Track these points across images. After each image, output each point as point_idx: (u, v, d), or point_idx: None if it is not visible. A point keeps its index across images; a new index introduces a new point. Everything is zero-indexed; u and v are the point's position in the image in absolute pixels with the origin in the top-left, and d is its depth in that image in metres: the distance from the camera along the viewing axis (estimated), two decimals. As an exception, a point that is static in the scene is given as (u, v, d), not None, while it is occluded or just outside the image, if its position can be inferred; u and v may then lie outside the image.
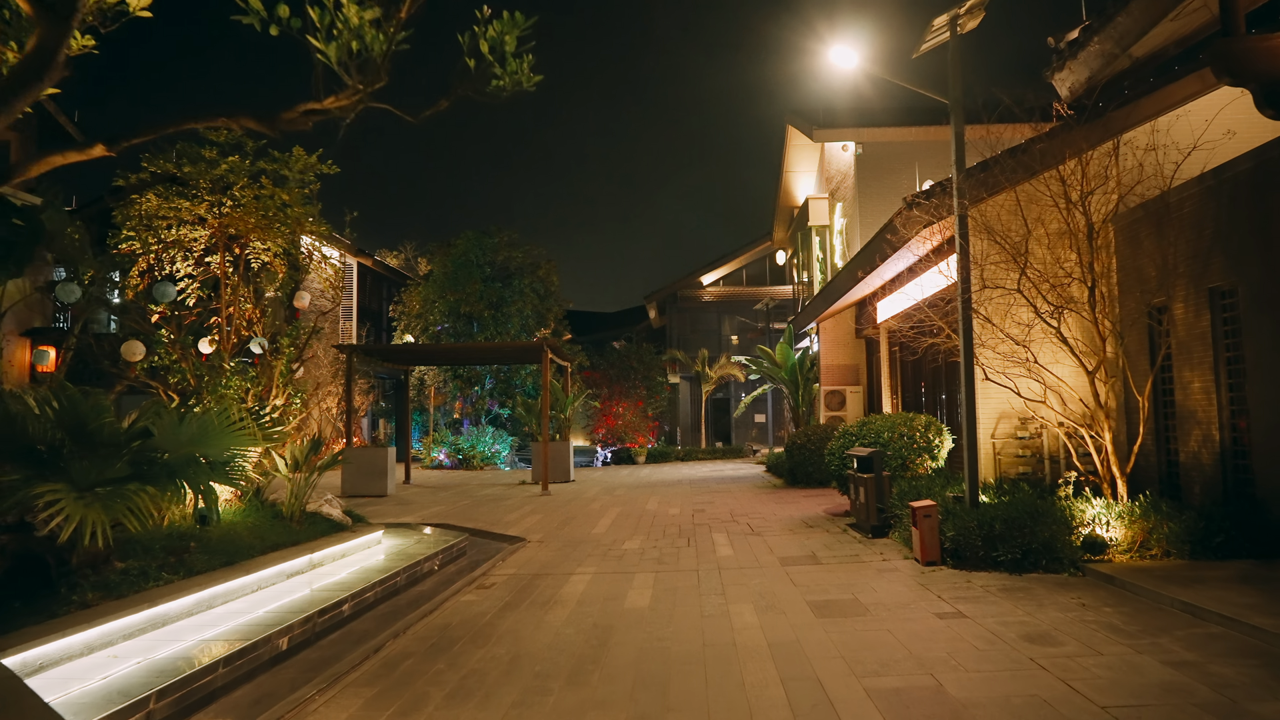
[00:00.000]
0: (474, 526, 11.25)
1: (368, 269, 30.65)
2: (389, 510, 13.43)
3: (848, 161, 19.06)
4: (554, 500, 14.57)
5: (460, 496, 15.95)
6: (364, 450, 16.36)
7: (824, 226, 21.14)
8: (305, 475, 8.72)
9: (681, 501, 13.77)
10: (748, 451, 29.67)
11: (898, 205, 18.45)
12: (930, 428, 10.19)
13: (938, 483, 8.89)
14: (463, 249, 27.47)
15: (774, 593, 6.41)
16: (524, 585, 7.15)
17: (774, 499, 13.60)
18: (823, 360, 18.00)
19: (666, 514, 12.04)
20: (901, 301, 13.63)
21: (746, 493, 14.94)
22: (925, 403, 13.52)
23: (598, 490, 16.46)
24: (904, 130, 18.06)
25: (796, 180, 24.63)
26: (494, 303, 27.06)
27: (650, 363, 30.16)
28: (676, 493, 15.42)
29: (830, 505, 12.21)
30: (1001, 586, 6.17)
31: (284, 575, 6.75)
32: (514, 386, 27.41)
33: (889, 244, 9.84)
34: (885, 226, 9.73)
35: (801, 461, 15.31)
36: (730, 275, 36.56)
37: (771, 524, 10.42)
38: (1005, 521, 6.65)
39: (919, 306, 12.34)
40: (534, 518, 12.07)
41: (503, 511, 13.01)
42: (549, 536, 10.12)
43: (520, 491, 16.66)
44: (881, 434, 10.20)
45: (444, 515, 12.68)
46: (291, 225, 8.61)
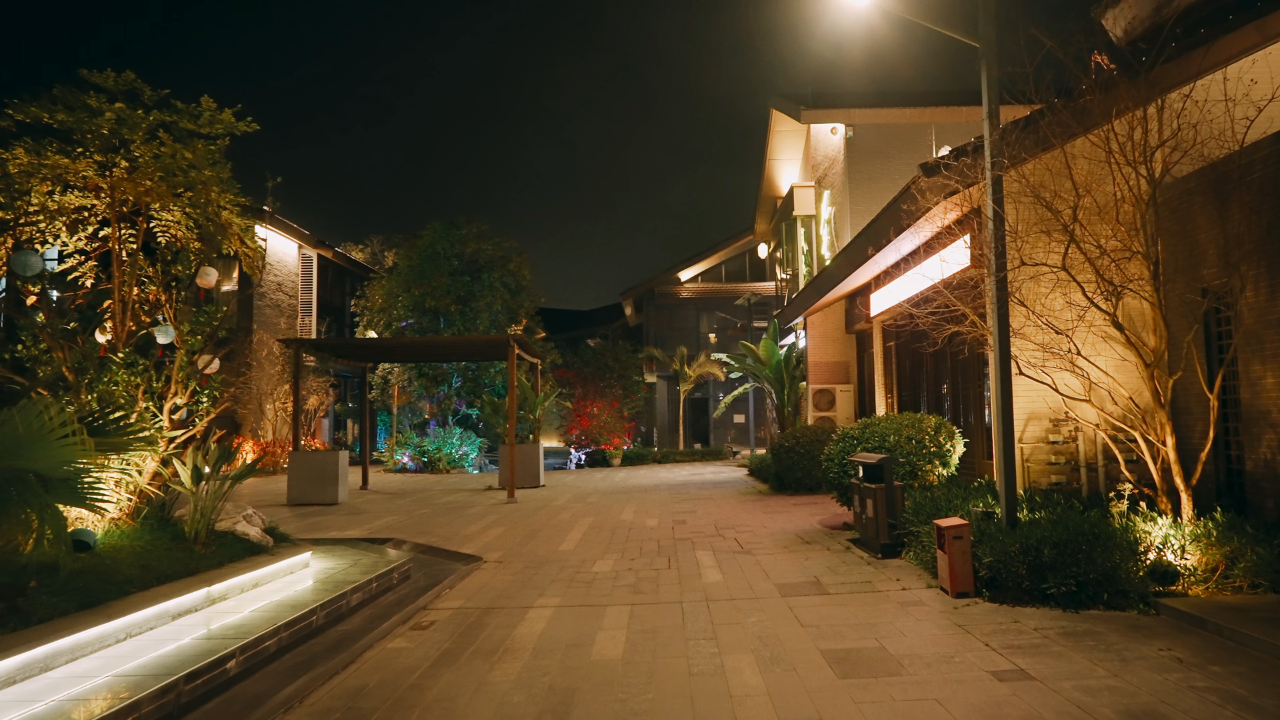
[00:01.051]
0: (426, 541, 9.93)
1: (329, 262, 29.11)
2: (335, 522, 12.06)
3: (837, 146, 17.92)
4: (520, 509, 13.26)
5: (419, 504, 14.60)
6: (312, 454, 14.96)
7: (810, 216, 20.00)
8: (216, 487, 7.37)
9: (660, 510, 12.52)
10: (727, 453, 28.50)
11: (891, 192, 17.35)
12: (941, 430, 9.02)
13: (956, 494, 7.71)
14: (429, 240, 26.04)
15: (778, 637, 5.17)
16: (470, 624, 5.86)
17: (761, 508, 12.39)
18: (810, 357, 16.83)
19: (644, 526, 10.79)
20: (901, 291, 12.47)
21: (730, 500, 13.72)
22: (927, 402, 12.37)
23: (569, 497, 15.17)
24: (898, 112, 16.95)
25: (780, 169, 23.48)
26: (462, 297, 25.66)
27: (626, 361, 28.90)
28: (654, 500, 14.17)
29: (825, 516, 11.02)
30: (1061, 630, 4.97)
31: (168, 616, 5.41)
32: (483, 385, 26.02)
33: (906, 215, 8.63)
34: (900, 195, 8.52)
35: (789, 466, 14.13)
36: (709, 271, 35.41)
37: (762, 539, 9.20)
38: (1055, 546, 5.46)
39: (926, 294, 11.18)
40: (496, 530, 10.77)
41: (462, 523, 11.69)
42: (510, 554, 8.83)
43: (485, 498, 15.33)
44: (887, 437, 9.02)
45: (395, 527, 11.34)
46: (198, 191, 7.23)
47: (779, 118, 20.75)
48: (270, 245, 25.64)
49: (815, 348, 16.79)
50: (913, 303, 12.15)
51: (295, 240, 26.91)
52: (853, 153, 17.15)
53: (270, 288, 25.61)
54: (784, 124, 21.05)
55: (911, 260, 11.65)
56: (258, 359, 24.11)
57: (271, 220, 24.77)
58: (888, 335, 14.66)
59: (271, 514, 13.22)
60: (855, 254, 11.39)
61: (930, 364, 12.34)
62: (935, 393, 12.15)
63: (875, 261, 12.20)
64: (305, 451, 15.12)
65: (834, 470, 9.43)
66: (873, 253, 11.03)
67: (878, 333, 14.88)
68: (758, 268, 34.64)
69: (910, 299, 12.19)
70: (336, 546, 9.17)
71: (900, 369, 14.07)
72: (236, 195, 7.72)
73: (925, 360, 12.57)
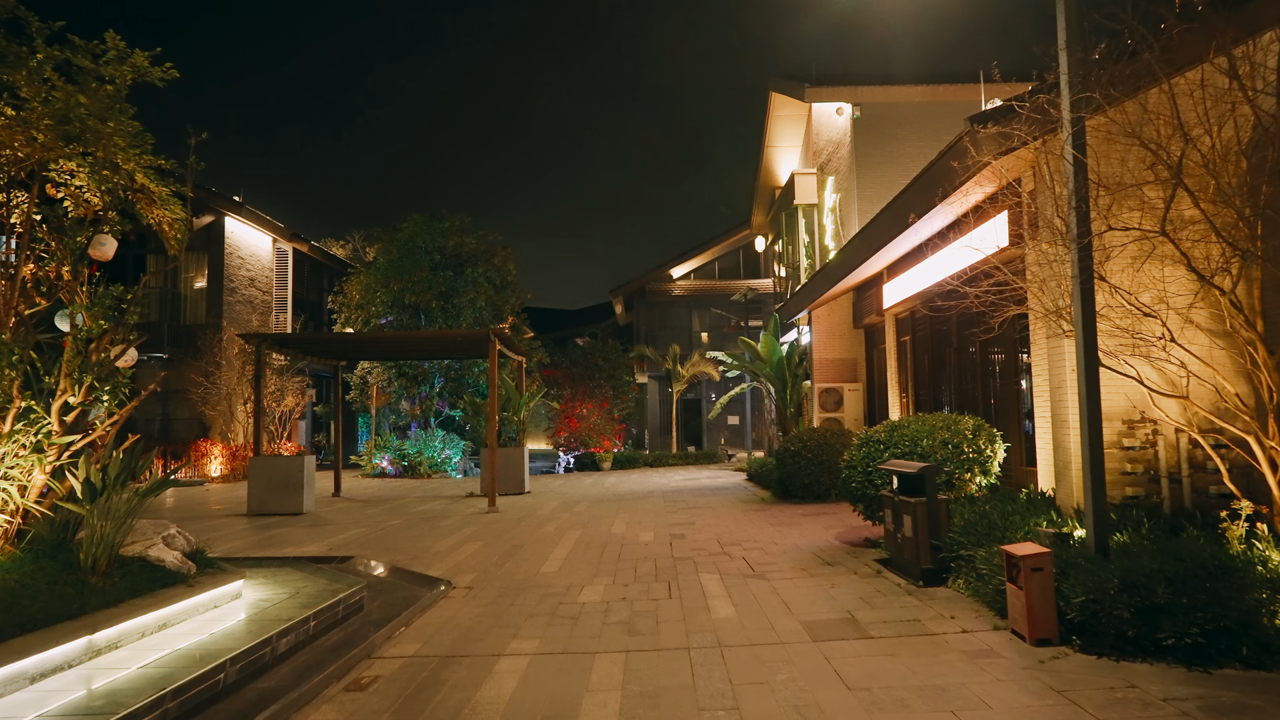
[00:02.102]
0: (390, 560, 8.68)
1: (305, 256, 27.76)
2: (294, 535, 10.79)
3: (842, 127, 16.75)
4: (501, 520, 12.01)
5: (392, 513, 13.33)
6: (275, 460, 13.66)
7: (812, 205, 18.83)
8: (126, 504, 6.09)
9: (655, 522, 11.30)
10: (722, 456, 27.31)
11: (902, 176, 16.19)
12: (980, 433, 7.84)
13: (1011, 509, 6.51)
14: (409, 233, 24.75)
15: (820, 708, 3.96)
16: (422, 683, 4.62)
17: (767, 519, 11.19)
18: (815, 354, 15.65)
19: (638, 541, 9.57)
20: (919, 280, 11.30)
21: (731, 509, 12.51)
22: (952, 402, 11.19)
23: (555, 505, 13.93)
24: (910, 90, 15.81)
25: (779, 157, 22.32)
26: (444, 293, 24.37)
27: (616, 360, 27.68)
28: (648, 509, 12.95)
29: (841, 529, 9.82)
30: (1202, 702, 3.76)
31: (24, 678, 4.16)
32: (466, 385, 24.75)
33: (946, 179, 7.42)
34: (945, 153, 7.28)
35: (795, 472, 12.92)
36: (702, 268, 34.26)
37: (775, 559, 8.00)
38: (1170, 581, 4.27)
39: (951, 281, 9.99)
40: (471, 546, 9.53)
41: (435, 536, 10.45)
42: (483, 577, 7.59)
43: (464, 507, 14.07)
44: (919, 441, 7.83)
45: (360, 542, 10.09)
46: (102, 147, 5.97)
47: (779, 101, 19.58)
48: (242, 238, 24.31)
49: (821, 344, 15.61)
50: (935, 293, 10.97)
51: (269, 233, 25.57)
52: (860, 134, 15.98)
53: (242, 282, 24.26)
54: (784, 108, 19.88)
55: (937, 243, 10.47)
56: (227, 357, 22.77)
57: (243, 211, 23.43)
58: (902, 329, 13.48)
59: (225, 526, 11.95)
60: (876, 235, 10.19)
61: (954, 359, 11.17)
62: (960, 391, 10.97)
63: (890, 249, 11.02)
64: (267, 457, 13.83)
65: (856, 479, 8.22)
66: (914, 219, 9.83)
67: (890, 327, 13.71)
68: (752, 264, 33.51)
69: (931, 288, 11.03)
70: (283, 569, 7.89)
71: (917, 366, 12.89)
72: (148, 154, 6.43)
73: (948, 356, 11.40)
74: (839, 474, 12.95)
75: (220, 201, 22.83)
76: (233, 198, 23.08)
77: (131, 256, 23.48)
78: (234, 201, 22.97)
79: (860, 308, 15.25)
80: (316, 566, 8.12)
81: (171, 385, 23.10)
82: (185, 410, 22.78)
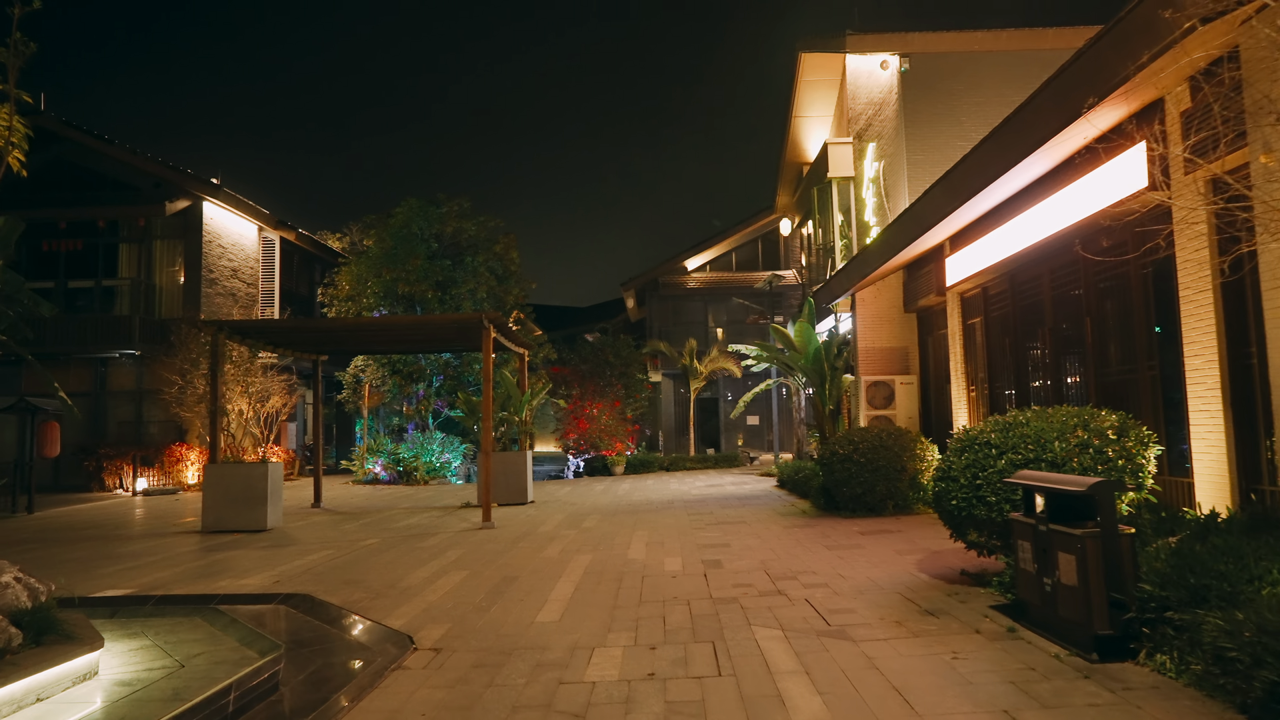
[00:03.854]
0: (345, 600, 6.71)
1: (294, 246, 25.86)
2: (243, 561, 8.83)
3: (886, 84, 14.70)
4: (495, 539, 10.03)
5: (371, 529, 11.38)
6: (235, 468, 11.73)
7: (847, 178, 16.77)
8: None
9: (681, 542, 9.29)
10: (743, 459, 25.26)
11: (959, 135, 14.10)
12: (1129, 432, 5.79)
13: (1228, 549, 4.44)
14: (403, 219, 22.81)
15: None
16: None
17: (818, 538, 9.16)
18: (860, 342, 13.60)
19: (662, 571, 7.56)
20: (1002, 245, 9.25)
21: (770, 525, 10.49)
22: (1045, 395, 9.12)
23: (561, 519, 11.94)
24: (968, 36, 13.75)
25: (808, 129, 20.27)
26: (441, 283, 22.42)
27: (628, 357, 25.63)
28: (670, 524, 10.94)
29: (920, 555, 7.79)
30: None
31: None
32: (466, 383, 22.78)
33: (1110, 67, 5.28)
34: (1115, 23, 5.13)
35: (845, 479, 10.88)
36: (718, 259, 32.19)
37: (851, 601, 5.97)
38: None
39: (1062, 238, 7.96)
40: (453, 577, 7.54)
41: (412, 562, 8.47)
42: (459, 630, 5.60)
43: (455, 521, 12.10)
44: (1048, 443, 5.79)
45: (318, 571, 8.13)
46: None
47: (810, 64, 17.53)
48: (223, 225, 22.43)
49: (867, 330, 13.56)
50: (1021, 261, 8.88)
51: (254, 221, 23.69)
52: (909, 90, 13.93)
53: (223, 273, 22.38)
54: (814, 72, 17.84)
55: (1026, 199, 8.42)
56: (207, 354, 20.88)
57: (221, 195, 21.54)
58: (969, 309, 11.42)
59: (165, 549, 10.01)
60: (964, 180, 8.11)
61: (1049, 342, 9.09)
62: (1057, 381, 8.90)
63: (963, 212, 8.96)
64: (225, 464, 11.89)
65: (957, 495, 6.16)
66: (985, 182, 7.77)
67: (954, 308, 11.64)
68: (771, 256, 31.44)
69: (1017, 256, 8.97)
70: (191, 618, 5.92)
71: (991, 352, 10.83)
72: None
73: (1040, 337, 9.33)
74: (897, 482, 10.95)
75: (196, 184, 20.95)
76: (210, 179, 21.20)
77: (102, 245, 21.64)
78: (211, 184, 21.09)
79: (913, 288, 13.19)
80: (245, 611, 6.14)
81: (145, 385, 21.26)
82: (159, 412, 20.90)
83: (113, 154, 21.01)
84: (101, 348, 20.48)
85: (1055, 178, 7.97)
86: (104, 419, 21.39)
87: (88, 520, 13.80)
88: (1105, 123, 6.74)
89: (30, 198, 21.14)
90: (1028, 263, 9.28)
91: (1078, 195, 7.50)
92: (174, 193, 20.89)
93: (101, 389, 21.52)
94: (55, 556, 9.66)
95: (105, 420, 21.39)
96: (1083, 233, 7.91)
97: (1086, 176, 7.33)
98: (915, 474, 10.94)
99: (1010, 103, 13.50)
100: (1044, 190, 8.20)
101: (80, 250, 21.30)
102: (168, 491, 19.09)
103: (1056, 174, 7.97)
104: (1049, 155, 7.38)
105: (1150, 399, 7.14)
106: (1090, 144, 7.12)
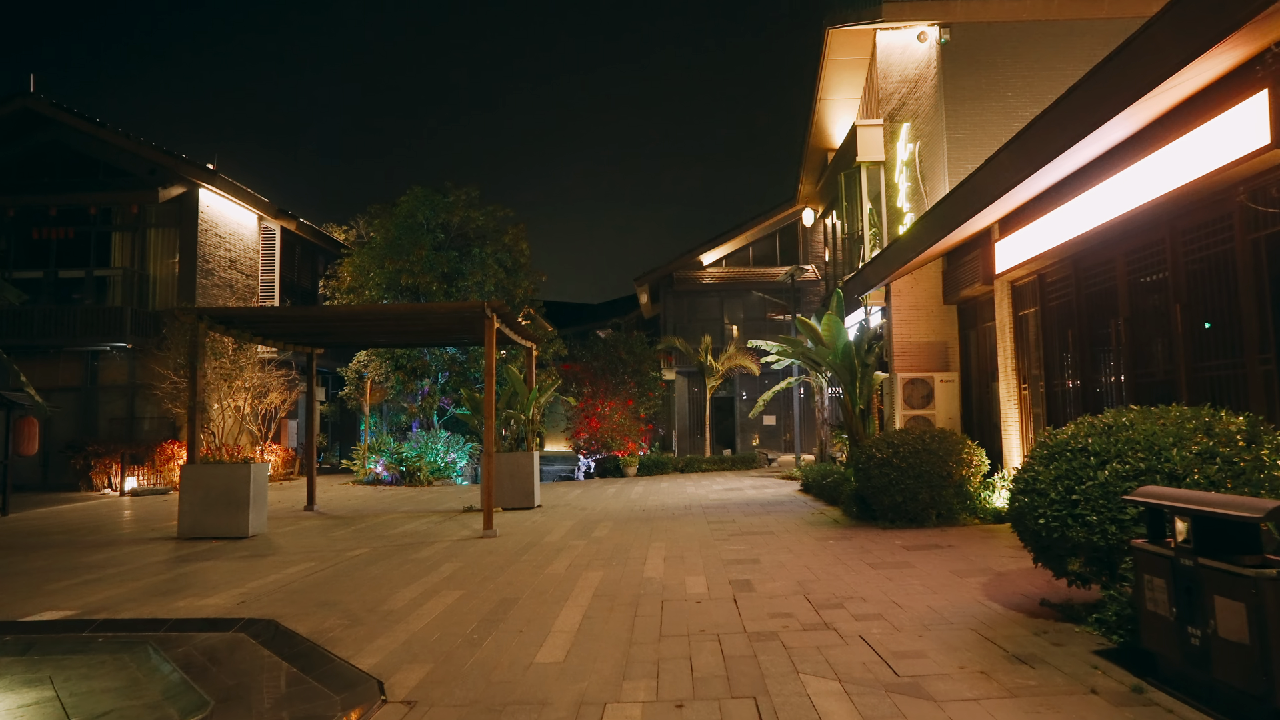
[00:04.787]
0: (315, 628, 5.72)
1: (296, 237, 24.98)
2: (210, 575, 7.86)
3: (924, 58, 13.62)
4: (496, 550, 9.02)
5: (362, 537, 10.42)
6: (215, 469, 10.77)
7: (877, 163, 15.69)
8: None
9: (703, 556, 8.26)
10: (761, 461, 24.20)
11: (1004, 114, 12.98)
12: (1259, 439, 4.71)
13: None
14: (408, 208, 21.86)
15: None
16: None
17: (857, 553, 8.11)
18: (896, 336, 12.52)
19: (684, 594, 6.53)
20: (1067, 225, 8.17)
21: (801, 536, 9.44)
22: (1123, 394, 8.02)
23: (569, 527, 10.93)
24: (1015, 4, 12.63)
25: (834, 113, 19.17)
26: (447, 274, 21.45)
27: (642, 354, 24.60)
28: (690, 534, 9.90)
29: (984, 578, 6.72)
30: None
31: None
32: (472, 380, 21.82)
33: None
34: None
35: (883, 486, 9.81)
36: (734, 254, 31.14)
37: (917, 640, 4.93)
38: None
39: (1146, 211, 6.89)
40: (444, 598, 6.54)
41: (401, 579, 7.48)
42: (441, 674, 4.59)
43: (455, 527, 11.12)
44: (1163, 449, 4.73)
45: (290, 589, 7.16)
46: None
47: (837, 42, 16.44)
48: (221, 214, 21.54)
49: (903, 324, 12.48)
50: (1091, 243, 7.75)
51: (254, 210, 22.80)
52: (950, 64, 12.84)
53: (220, 264, 21.49)
54: (841, 50, 16.76)
55: (1100, 170, 7.33)
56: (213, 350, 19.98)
57: (217, 181, 20.64)
58: (1022, 299, 10.33)
59: (133, 558, 9.07)
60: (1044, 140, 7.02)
61: (1124, 334, 7.99)
62: (1138, 377, 7.80)
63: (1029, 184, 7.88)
64: (205, 465, 10.94)
65: (1046, 513, 5.09)
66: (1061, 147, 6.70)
67: (1004, 298, 10.55)
68: (789, 251, 30.37)
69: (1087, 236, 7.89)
70: (119, 656, 4.94)
71: (1047, 347, 9.74)
72: None
73: (1112, 329, 8.23)
74: (942, 490, 9.87)
75: (191, 169, 20.05)
76: (206, 165, 20.31)
77: (94, 234, 20.78)
78: (206, 169, 20.20)
79: (954, 278, 12.09)
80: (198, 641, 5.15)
81: (138, 380, 20.39)
82: (152, 408, 20.02)
83: (106, 138, 20.15)
84: (92, 340, 19.63)
85: (1140, 142, 6.88)
86: (95, 415, 20.53)
87: (62, 524, 12.89)
88: (1213, 70, 5.67)
89: (20, 183, 20.33)
90: (1098, 244, 8.19)
91: (1172, 160, 6.43)
92: (168, 179, 20.01)
93: (92, 383, 20.67)
94: (7, 568, 8.73)
95: (96, 416, 20.53)
96: (1174, 205, 6.83)
97: (1185, 137, 6.25)
98: (962, 481, 9.87)
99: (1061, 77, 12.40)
100: (1122, 159, 7.12)
101: (72, 239, 20.44)
102: (157, 492, 18.21)
103: (1142, 137, 6.89)
104: (1137, 114, 6.30)
105: (1263, 397, 6.05)
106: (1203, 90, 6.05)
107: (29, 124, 20.42)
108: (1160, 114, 6.47)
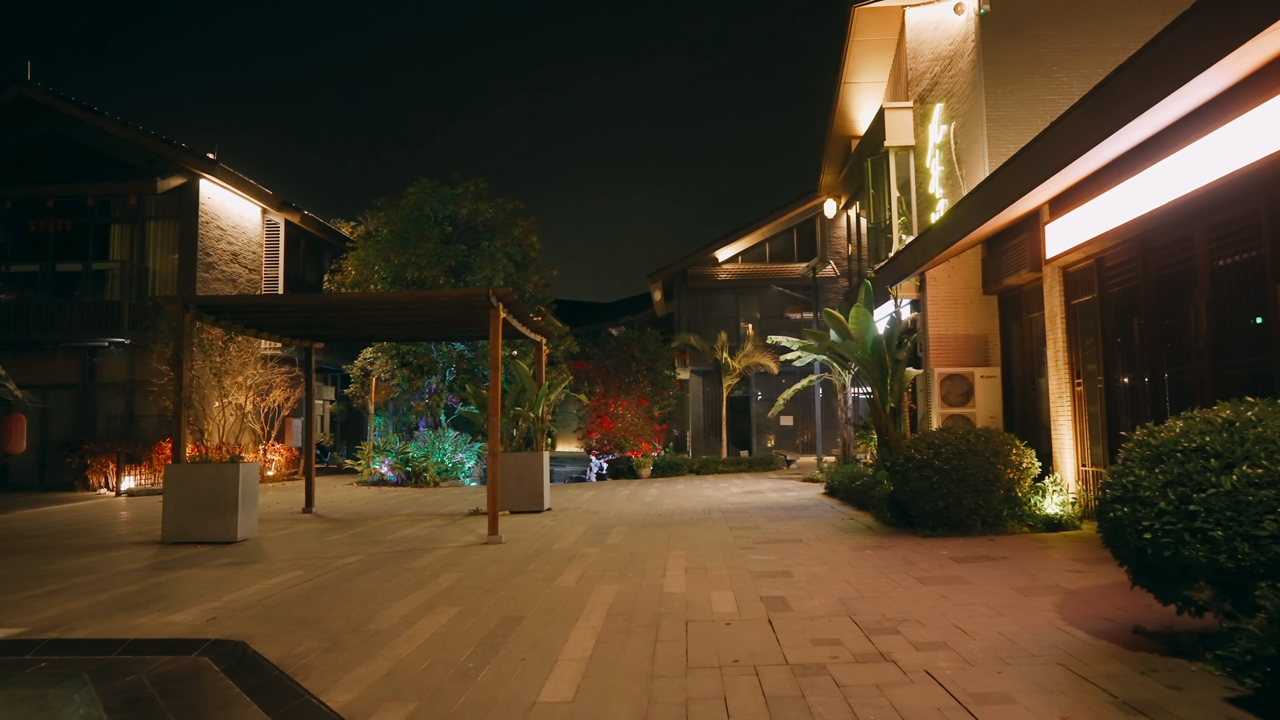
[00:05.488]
0: (287, 652, 4.95)
1: (301, 230, 24.33)
2: (186, 585, 7.11)
3: (959, 32, 12.77)
4: (501, 558, 8.24)
5: (359, 543, 9.66)
6: (201, 469, 10.05)
7: (907, 148, 14.83)
8: None
9: (729, 567, 7.44)
10: (780, 462, 23.34)
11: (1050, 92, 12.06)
12: None
13: None
14: (415, 200, 21.15)
15: None
16: None
17: (902, 565, 7.27)
18: (931, 329, 11.67)
19: (711, 613, 5.72)
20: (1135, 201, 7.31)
21: (833, 544, 8.61)
22: (1207, 390, 7.14)
23: (581, 532, 10.14)
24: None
25: (859, 97, 18.33)
26: (454, 268, 20.73)
27: (655, 352, 23.80)
28: (712, 542, 9.09)
29: (1052, 595, 5.88)
30: None
31: None
32: (480, 376, 21.08)
33: None
34: None
35: (924, 491, 8.97)
36: (750, 250, 30.31)
37: (995, 676, 4.11)
38: None
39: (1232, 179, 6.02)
40: (439, 616, 5.76)
41: (392, 592, 6.71)
42: (427, 716, 3.81)
43: (458, 532, 10.36)
44: (1301, 452, 3.87)
45: (269, 603, 6.40)
46: None
47: (863, 21, 15.60)
48: (223, 206, 20.90)
49: (939, 315, 11.62)
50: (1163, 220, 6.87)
51: (257, 202, 22.17)
52: (989, 36, 11.97)
53: (222, 257, 20.85)
54: (867, 30, 15.91)
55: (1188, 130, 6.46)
56: (200, 343, 19.36)
57: (217, 172, 19.99)
58: (1076, 287, 9.46)
59: (109, 564, 8.34)
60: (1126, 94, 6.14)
61: (1204, 321, 7.11)
62: (1220, 368, 6.92)
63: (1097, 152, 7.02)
64: (190, 464, 10.22)
65: (1155, 526, 4.23)
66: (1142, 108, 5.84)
67: (1054, 285, 9.69)
68: (807, 247, 29.52)
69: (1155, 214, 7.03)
70: (44, 693, 4.19)
71: (1106, 338, 8.86)
72: None
73: (1189, 315, 7.36)
74: (989, 495, 9.02)
75: (190, 159, 19.39)
76: (206, 155, 19.66)
77: (93, 226, 20.17)
78: (207, 159, 19.55)
79: (995, 266, 11.23)
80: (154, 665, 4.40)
81: (137, 376, 19.76)
82: (151, 405, 19.39)
83: (104, 126, 19.53)
84: (89, 335, 19.03)
85: (1234, 99, 6.03)
86: (93, 413, 19.92)
87: (45, 526, 12.22)
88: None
89: (16, 174, 19.76)
90: (1172, 221, 7.32)
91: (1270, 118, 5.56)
92: (167, 169, 19.38)
93: (90, 380, 20.06)
94: (-31, 575, 8.01)
95: (94, 414, 19.91)
96: (1269, 171, 5.96)
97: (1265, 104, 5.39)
98: (1011, 485, 9.01)
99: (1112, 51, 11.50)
100: (1208, 120, 6.27)
101: (69, 231, 19.84)
102: (155, 492, 17.54)
103: (1230, 96, 6.03)
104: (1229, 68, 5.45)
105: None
106: None
107: (26, 113, 19.84)
108: (1265, 61, 5.61)
